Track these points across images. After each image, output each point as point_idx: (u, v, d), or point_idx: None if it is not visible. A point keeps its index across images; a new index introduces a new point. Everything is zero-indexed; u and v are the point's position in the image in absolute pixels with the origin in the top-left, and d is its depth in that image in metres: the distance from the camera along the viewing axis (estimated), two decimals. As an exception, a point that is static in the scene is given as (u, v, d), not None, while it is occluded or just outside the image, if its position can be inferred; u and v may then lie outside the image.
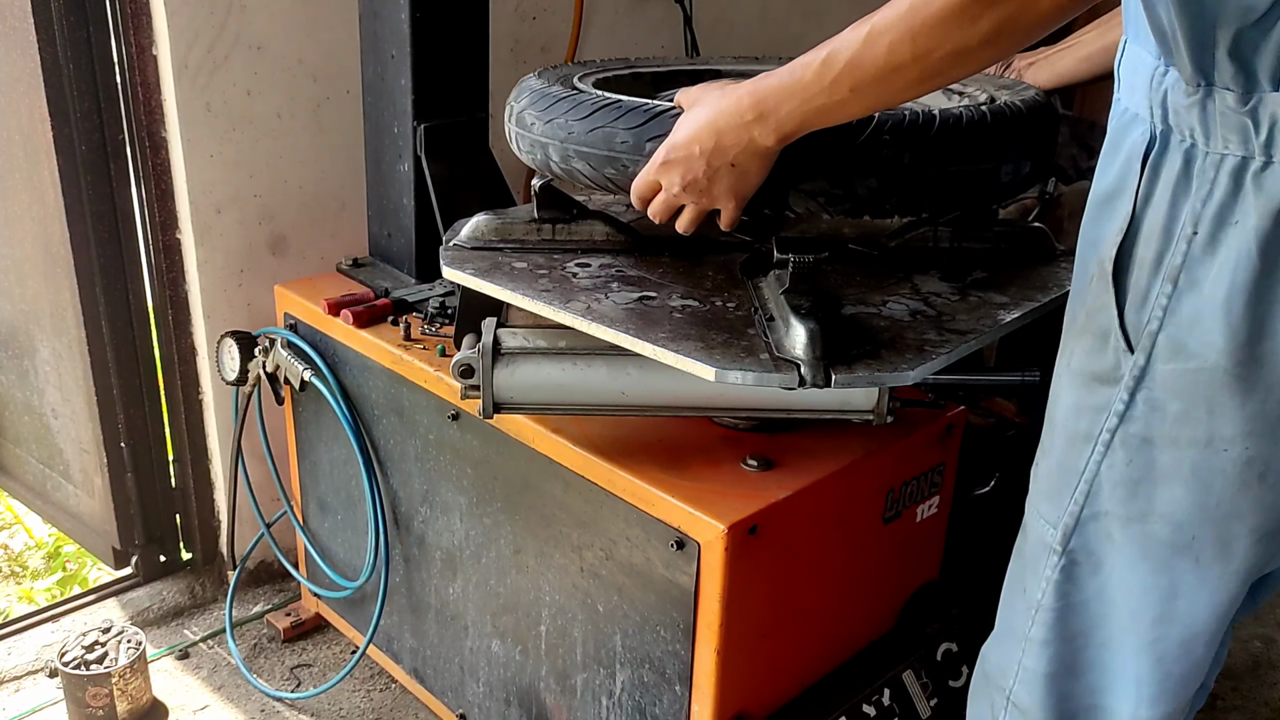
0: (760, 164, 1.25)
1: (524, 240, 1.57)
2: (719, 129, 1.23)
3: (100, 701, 1.99)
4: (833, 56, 1.13)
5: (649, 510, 1.44)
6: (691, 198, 1.30)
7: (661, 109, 1.36)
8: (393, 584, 1.98)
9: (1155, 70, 1.02)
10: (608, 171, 1.39)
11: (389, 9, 1.83)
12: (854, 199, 1.35)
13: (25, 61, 1.98)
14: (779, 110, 1.19)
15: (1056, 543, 1.16)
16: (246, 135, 2.11)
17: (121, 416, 2.23)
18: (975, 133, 1.37)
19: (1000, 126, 1.39)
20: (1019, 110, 1.43)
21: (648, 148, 1.34)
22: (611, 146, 1.37)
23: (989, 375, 1.53)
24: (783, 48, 3.05)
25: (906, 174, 1.35)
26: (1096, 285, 1.08)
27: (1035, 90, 1.55)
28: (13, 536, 2.86)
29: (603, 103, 1.40)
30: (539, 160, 1.48)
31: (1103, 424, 1.09)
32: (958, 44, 1.04)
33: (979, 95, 1.58)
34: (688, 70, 1.85)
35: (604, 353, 1.43)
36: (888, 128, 1.31)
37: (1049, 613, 1.18)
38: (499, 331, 1.46)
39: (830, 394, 1.44)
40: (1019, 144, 1.42)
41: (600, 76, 1.71)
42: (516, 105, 1.51)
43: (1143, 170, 1.03)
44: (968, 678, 1.75)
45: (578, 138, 1.40)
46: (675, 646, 1.48)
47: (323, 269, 2.19)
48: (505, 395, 1.46)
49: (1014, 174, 1.44)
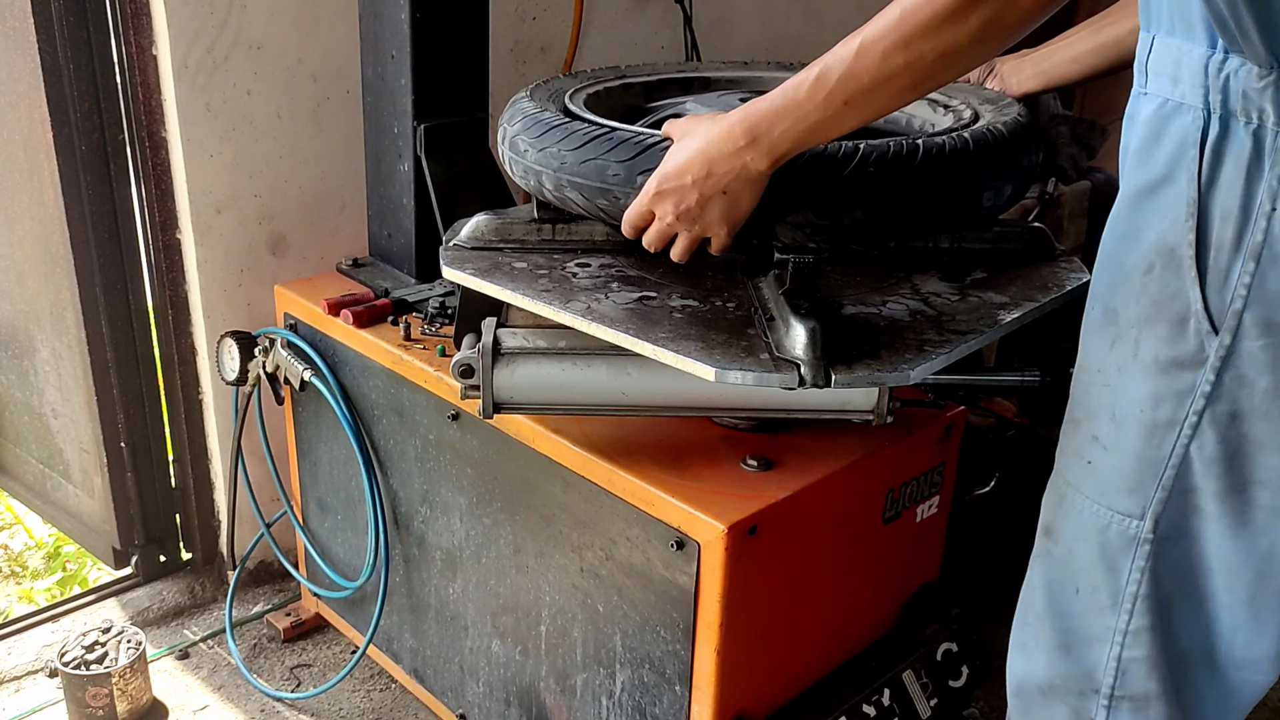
0: (752, 190, 1.27)
1: (524, 240, 1.57)
2: (710, 157, 1.25)
3: (100, 701, 1.99)
4: (825, 73, 1.16)
5: (649, 510, 1.44)
6: (684, 226, 1.32)
7: (653, 141, 1.37)
8: (393, 584, 1.98)
9: (1209, 59, 1.05)
10: (600, 203, 1.40)
11: (389, 9, 1.83)
12: (840, 229, 1.36)
13: (25, 61, 1.98)
14: (772, 132, 1.21)
15: (1147, 532, 1.17)
16: (246, 135, 2.11)
17: (121, 416, 2.23)
18: (959, 160, 1.38)
19: (983, 152, 1.40)
20: (1001, 134, 1.44)
21: (639, 180, 1.35)
22: (604, 179, 1.38)
23: (989, 375, 1.53)
24: (783, 48, 3.06)
25: (892, 204, 1.36)
26: (1164, 274, 1.10)
27: (1018, 107, 1.55)
28: (13, 536, 2.86)
29: (595, 133, 1.40)
30: (533, 185, 1.49)
31: (1188, 408, 1.11)
32: (948, 45, 1.08)
33: (964, 111, 1.58)
34: (677, 78, 1.86)
35: (604, 353, 1.43)
36: (873, 159, 1.32)
37: (1147, 600, 1.19)
38: (499, 331, 1.46)
39: (830, 394, 1.44)
40: (1001, 169, 1.43)
41: (591, 90, 1.72)
42: (509, 129, 1.52)
43: (1201, 156, 1.06)
44: (968, 678, 1.76)
45: (570, 168, 1.41)
46: (675, 646, 1.48)
47: (323, 269, 2.19)
48: (505, 395, 1.46)
49: (995, 199, 1.45)
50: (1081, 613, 1.25)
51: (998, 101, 1.58)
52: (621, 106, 1.75)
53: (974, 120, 1.52)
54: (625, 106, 1.76)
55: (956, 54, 1.09)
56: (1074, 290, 1.48)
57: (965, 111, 1.57)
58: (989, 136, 1.42)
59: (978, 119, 1.52)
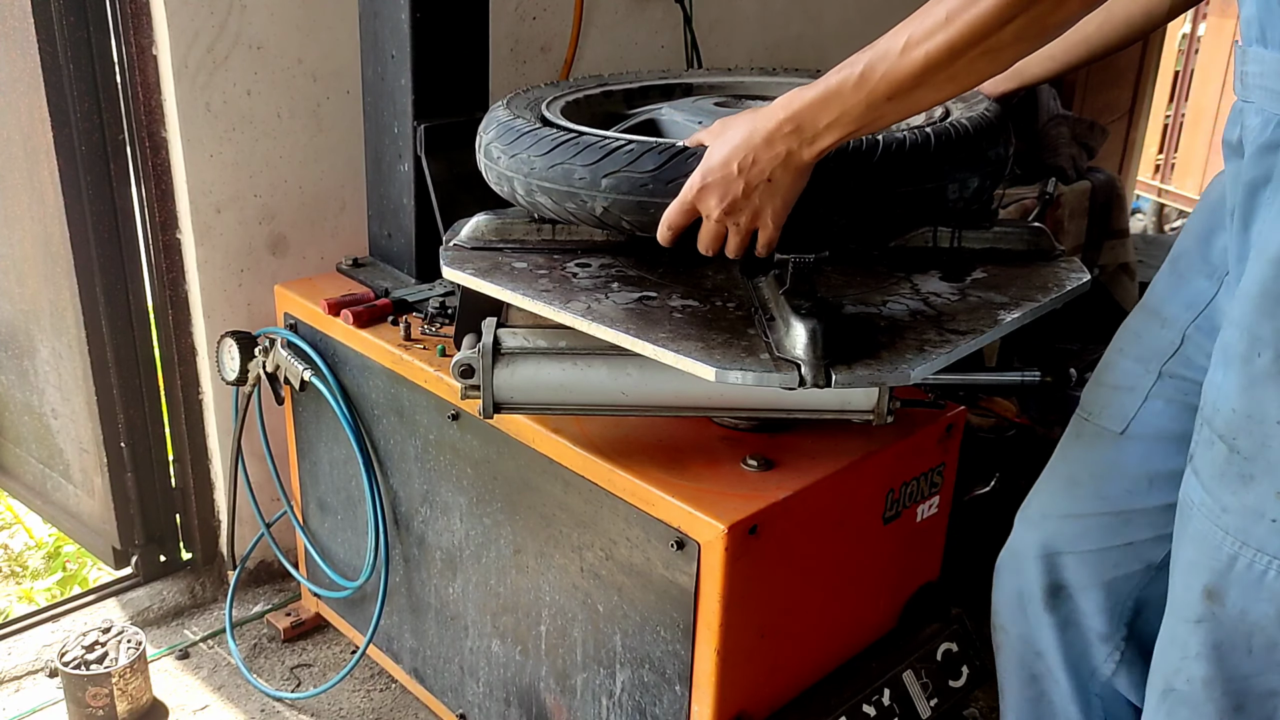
0: (796, 179, 1.26)
1: (524, 240, 1.57)
2: (754, 144, 1.24)
3: (100, 701, 1.99)
4: (870, 68, 1.16)
5: (649, 510, 1.44)
6: (732, 220, 1.29)
7: (616, 145, 1.37)
8: (393, 584, 1.98)
9: None
10: (568, 205, 1.40)
11: (389, 9, 1.83)
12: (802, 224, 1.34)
13: (25, 61, 1.98)
14: (816, 123, 1.21)
15: None
16: (246, 135, 2.11)
17: (121, 416, 2.23)
18: (919, 155, 1.38)
19: (945, 147, 1.40)
20: (964, 129, 1.44)
21: (604, 183, 1.35)
22: (570, 182, 1.39)
23: (989, 375, 1.53)
24: (782, 48, 3.07)
25: (854, 198, 1.36)
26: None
27: (987, 103, 1.56)
28: (13, 536, 2.86)
29: (562, 139, 1.41)
30: (506, 192, 1.50)
31: None
32: (992, 44, 1.09)
33: (935, 109, 1.58)
34: (659, 85, 1.86)
35: (604, 353, 1.43)
36: (831, 155, 1.29)
37: None
38: (499, 331, 1.46)
39: (830, 394, 1.44)
40: (964, 162, 1.43)
41: (571, 99, 1.73)
42: (485, 137, 1.53)
43: None
44: (968, 678, 1.76)
45: (539, 173, 1.41)
46: (675, 646, 1.48)
47: (323, 269, 2.19)
48: (505, 395, 1.46)
49: (960, 191, 1.44)
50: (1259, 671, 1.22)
51: (969, 99, 1.59)
52: (602, 113, 1.77)
53: (944, 117, 1.53)
54: (605, 114, 1.77)
55: (999, 51, 1.10)
56: (1074, 290, 1.48)
57: (936, 110, 1.58)
58: (952, 131, 1.42)
59: (947, 115, 1.53)
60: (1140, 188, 5.40)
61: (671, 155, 1.34)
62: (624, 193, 1.36)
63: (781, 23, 3.05)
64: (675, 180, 1.31)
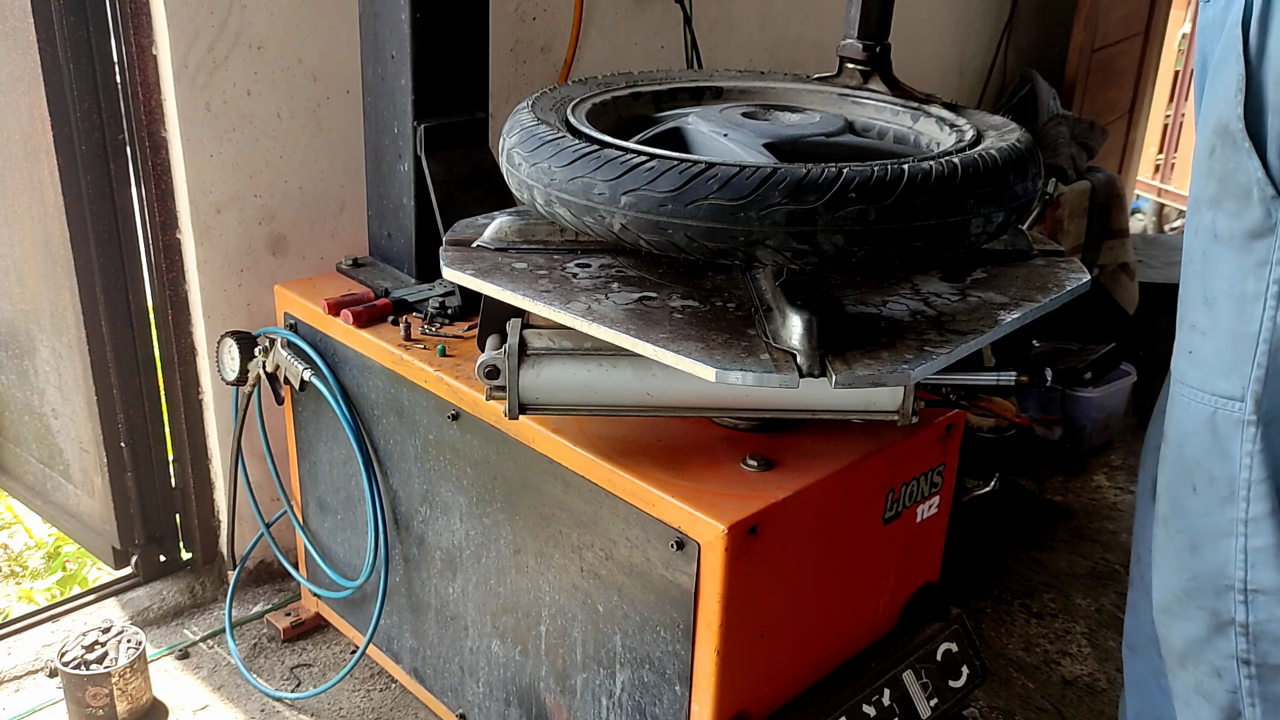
0: None
1: (548, 241, 1.56)
2: None
3: (100, 701, 1.99)
4: None
5: (649, 510, 1.44)
6: None
7: (637, 161, 1.32)
8: (393, 584, 1.98)
9: None
10: (586, 219, 1.36)
11: (389, 9, 1.83)
12: (820, 255, 1.30)
13: (25, 61, 1.98)
14: None
15: (1250, 413, 1.19)
16: (246, 135, 2.11)
17: (121, 416, 2.23)
18: (944, 187, 1.31)
19: (972, 179, 1.33)
20: (993, 160, 1.37)
21: (623, 200, 1.31)
22: (590, 196, 1.35)
23: (989, 374, 1.53)
24: (782, 48, 3.07)
25: (874, 230, 1.29)
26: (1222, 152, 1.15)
27: (1019, 132, 1.49)
28: (13, 536, 2.86)
29: (584, 151, 1.37)
30: (526, 199, 1.47)
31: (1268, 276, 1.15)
32: None
33: (968, 132, 1.52)
34: (689, 87, 1.82)
35: (630, 353, 1.41)
36: (854, 185, 1.26)
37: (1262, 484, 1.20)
38: (525, 332, 1.45)
39: (855, 394, 1.44)
40: (991, 196, 1.36)
41: (598, 100, 1.67)
42: (507, 141, 1.49)
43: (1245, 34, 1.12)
44: (968, 678, 1.76)
45: (560, 184, 1.37)
46: (675, 646, 1.48)
47: (323, 269, 2.19)
48: (531, 396, 1.46)
49: (985, 226, 1.37)
50: (1203, 510, 1.26)
51: (1002, 128, 1.54)
52: (630, 116, 1.71)
53: (975, 143, 1.46)
54: (634, 116, 1.71)
55: None
56: (1074, 290, 1.48)
57: (969, 133, 1.52)
58: (980, 163, 1.35)
59: (979, 141, 1.47)
60: (1140, 188, 5.40)
61: (692, 176, 1.29)
62: (643, 211, 1.30)
63: (781, 23, 3.05)
64: (695, 202, 1.27)
